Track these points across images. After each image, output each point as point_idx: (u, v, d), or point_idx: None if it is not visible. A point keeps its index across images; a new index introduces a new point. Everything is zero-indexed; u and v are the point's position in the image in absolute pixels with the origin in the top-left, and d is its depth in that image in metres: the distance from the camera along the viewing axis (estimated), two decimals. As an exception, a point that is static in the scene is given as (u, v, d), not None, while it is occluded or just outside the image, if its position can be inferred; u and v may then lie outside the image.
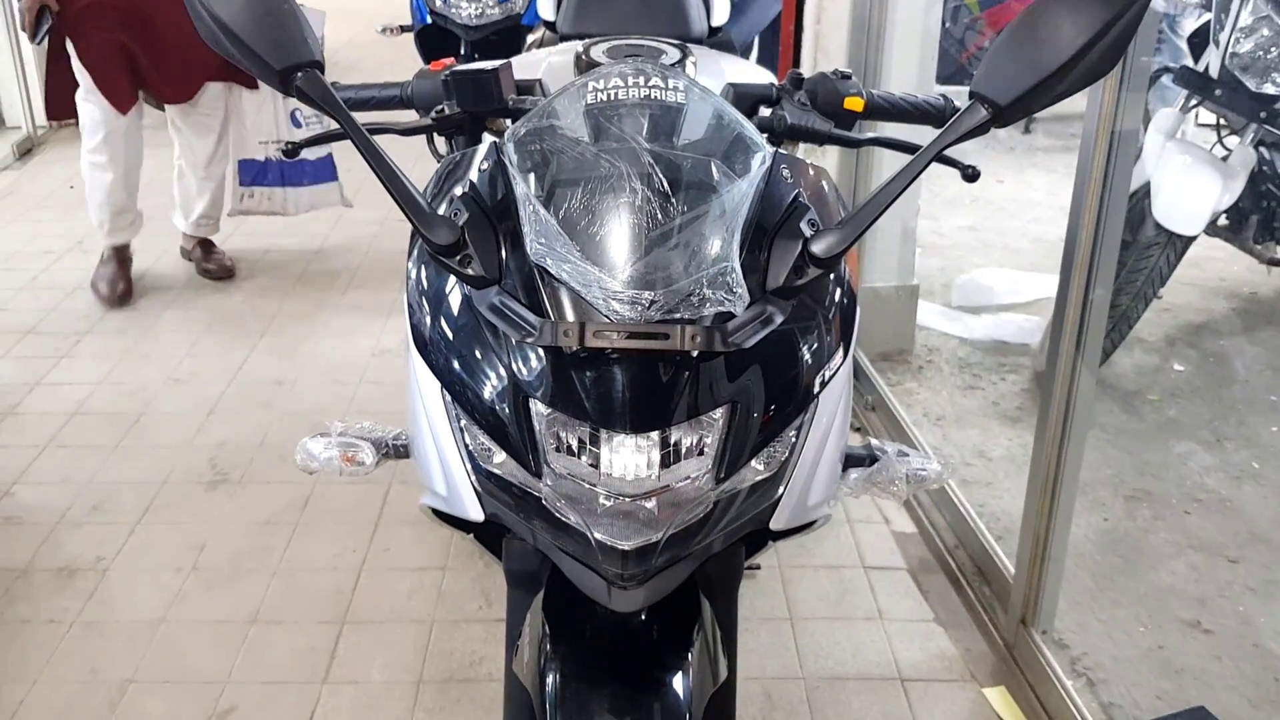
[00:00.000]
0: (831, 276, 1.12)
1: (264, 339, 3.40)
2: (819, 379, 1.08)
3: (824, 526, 1.23)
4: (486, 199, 1.08)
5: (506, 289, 1.02)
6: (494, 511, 1.11)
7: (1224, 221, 3.37)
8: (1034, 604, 2.06)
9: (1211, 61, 3.18)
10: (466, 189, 1.09)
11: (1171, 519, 2.59)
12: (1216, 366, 3.36)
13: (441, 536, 2.42)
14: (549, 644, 1.15)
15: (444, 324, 1.10)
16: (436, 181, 1.20)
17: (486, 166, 1.12)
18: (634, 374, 0.98)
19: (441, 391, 1.09)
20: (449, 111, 1.30)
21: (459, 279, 1.05)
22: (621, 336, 0.94)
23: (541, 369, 1.01)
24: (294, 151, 1.26)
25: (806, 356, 1.07)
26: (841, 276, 1.15)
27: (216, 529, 2.49)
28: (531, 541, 1.13)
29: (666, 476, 1.00)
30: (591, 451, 1.00)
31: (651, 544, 1.01)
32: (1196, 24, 3.58)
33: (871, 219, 0.98)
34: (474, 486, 1.10)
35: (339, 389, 3.11)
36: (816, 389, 1.08)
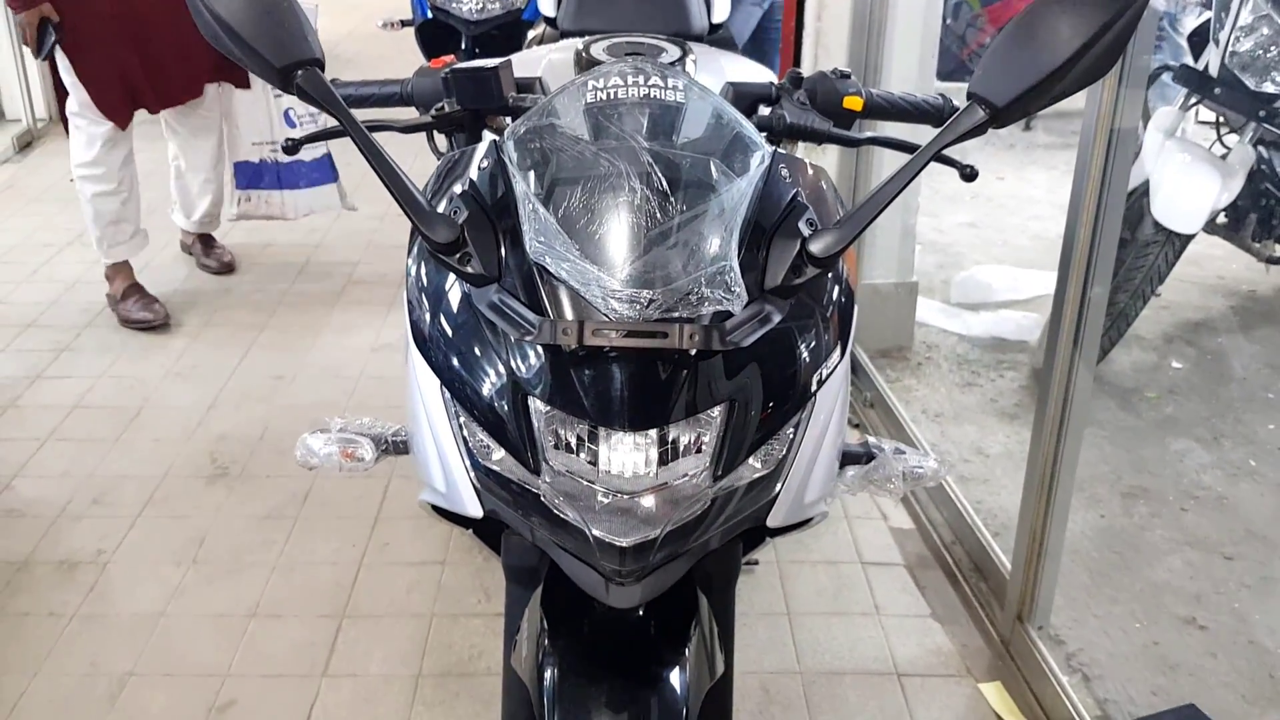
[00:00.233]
0: (829, 275, 1.13)
1: (264, 334, 3.40)
2: (816, 377, 1.09)
3: (821, 523, 1.24)
4: (486, 197, 1.08)
5: (506, 287, 1.03)
6: (493, 508, 1.12)
7: (1223, 220, 3.37)
8: (1030, 600, 2.07)
9: (1211, 60, 3.18)
10: (466, 187, 1.09)
11: (1168, 516, 2.60)
12: (1214, 364, 3.37)
13: (440, 531, 2.43)
14: (547, 639, 1.16)
15: (443, 321, 1.10)
16: (436, 179, 1.21)
17: (486, 165, 1.12)
18: (632, 372, 0.98)
19: (441, 388, 1.10)
20: (449, 109, 1.31)
21: (458, 277, 1.05)
22: (620, 335, 0.95)
23: (540, 367, 1.01)
24: (294, 148, 1.27)
25: (804, 355, 1.08)
26: (839, 275, 1.16)
27: (216, 523, 2.50)
28: (530, 538, 1.14)
29: (664, 474, 1.01)
30: (590, 449, 1.00)
31: (649, 540, 1.02)
32: (1197, 22, 3.58)
33: (869, 219, 0.99)
34: (473, 483, 1.10)
35: (339, 384, 3.11)
36: (814, 387, 1.09)
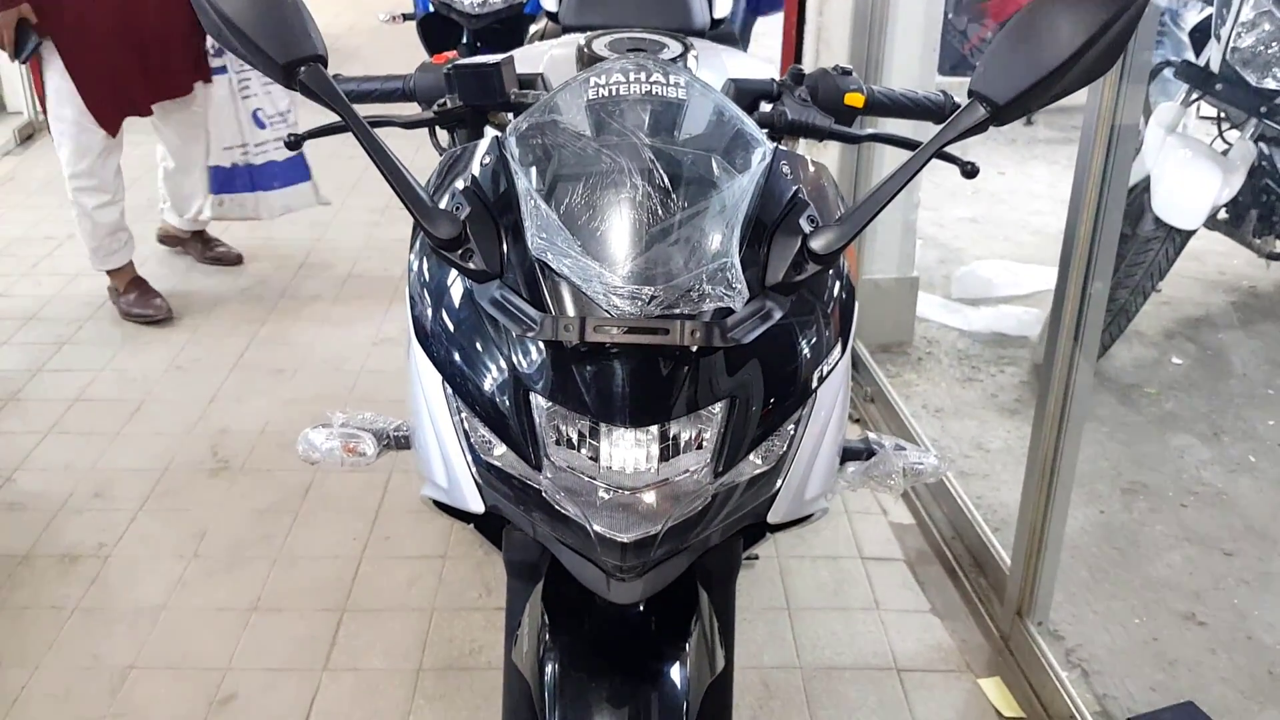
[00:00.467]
0: (830, 271, 1.13)
1: (265, 327, 3.40)
2: (817, 374, 1.09)
3: (822, 519, 1.24)
4: (488, 193, 1.08)
5: (507, 283, 1.03)
6: (494, 503, 1.12)
7: (1223, 215, 3.37)
8: (1030, 595, 2.08)
9: (1212, 56, 3.18)
10: (468, 183, 1.10)
11: (1168, 512, 2.60)
12: (1214, 360, 3.37)
13: (441, 526, 2.43)
14: (548, 634, 1.16)
15: (445, 317, 1.10)
16: (438, 175, 1.21)
17: (488, 161, 1.13)
18: (634, 368, 0.98)
19: (442, 384, 1.10)
20: (451, 105, 1.31)
21: (460, 273, 1.06)
22: (621, 331, 0.95)
23: (542, 363, 1.01)
24: (296, 144, 1.26)
25: (805, 351, 1.08)
26: (840, 271, 1.16)
27: (218, 516, 2.50)
28: (531, 533, 1.14)
29: (665, 470, 1.01)
30: (591, 445, 1.00)
31: (650, 536, 1.02)
32: (1198, 18, 3.58)
33: (870, 216, 0.99)
34: (474, 478, 1.10)
35: (340, 377, 3.12)
36: (815, 384, 1.09)
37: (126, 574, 2.32)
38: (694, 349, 0.98)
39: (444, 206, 1.03)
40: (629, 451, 1.00)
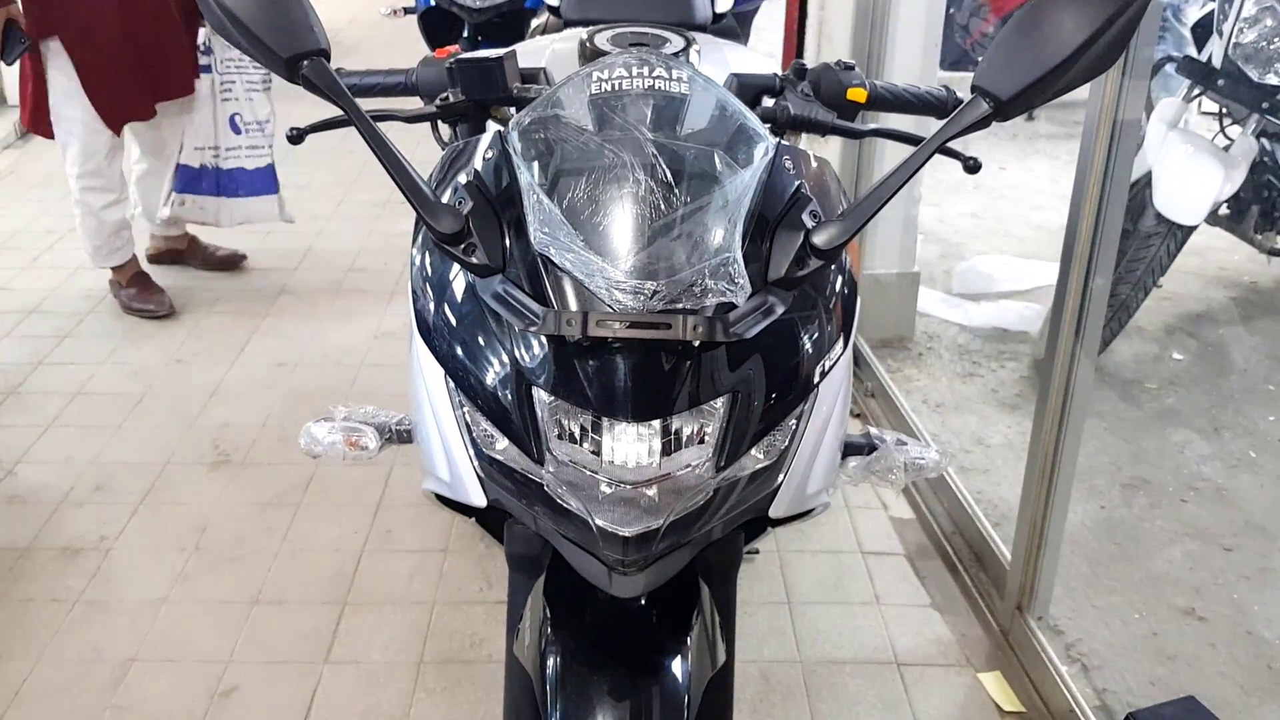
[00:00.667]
0: (832, 266, 1.13)
1: (266, 321, 3.41)
2: (819, 369, 1.09)
3: (823, 513, 1.24)
4: (491, 187, 1.08)
5: (510, 277, 1.03)
6: (496, 497, 1.12)
7: (1225, 211, 3.37)
8: (1030, 590, 2.08)
9: (1215, 51, 3.18)
10: (471, 177, 1.10)
11: (1168, 507, 2.61)
12: (1215, 356, 3.37)
13: (443, 519, 2.44)
14: (550, 627, 1.16)
15: (448, 311, 1.11)
16: (441, 169, 1.21)
17: (491, 155, 1.13)
18: (636, 363, 0.99)
19: (445, 378, 1.10)
20: (453, 99, 1.31)
21: (463, 267, 1.06)
22: (624, 326, 0.95)
23: (544, 357, 1.02)
24: (299, 138, 1.26)
25: (807, 346, 1.08)
26: (843, 266, 1.16)
27: (219, 510, 2.51)
28: (533, 527, 1.14)
29: (667, 464, 1.01)
30: (593, 439, 1.01)
31: (652, 530, 1.02)
32: (1200, 13, 3.57)
33: (873, 211, 0.99)
34: (477, 472, 1.11)
35: (341, 371, 3.12)
36: (817, 379, 1.09)
37: (128, 567, 2.32)
38: (696, 344, 0.98)
39: (447, 201, 1.03)
40: (631, 446, 1.00)
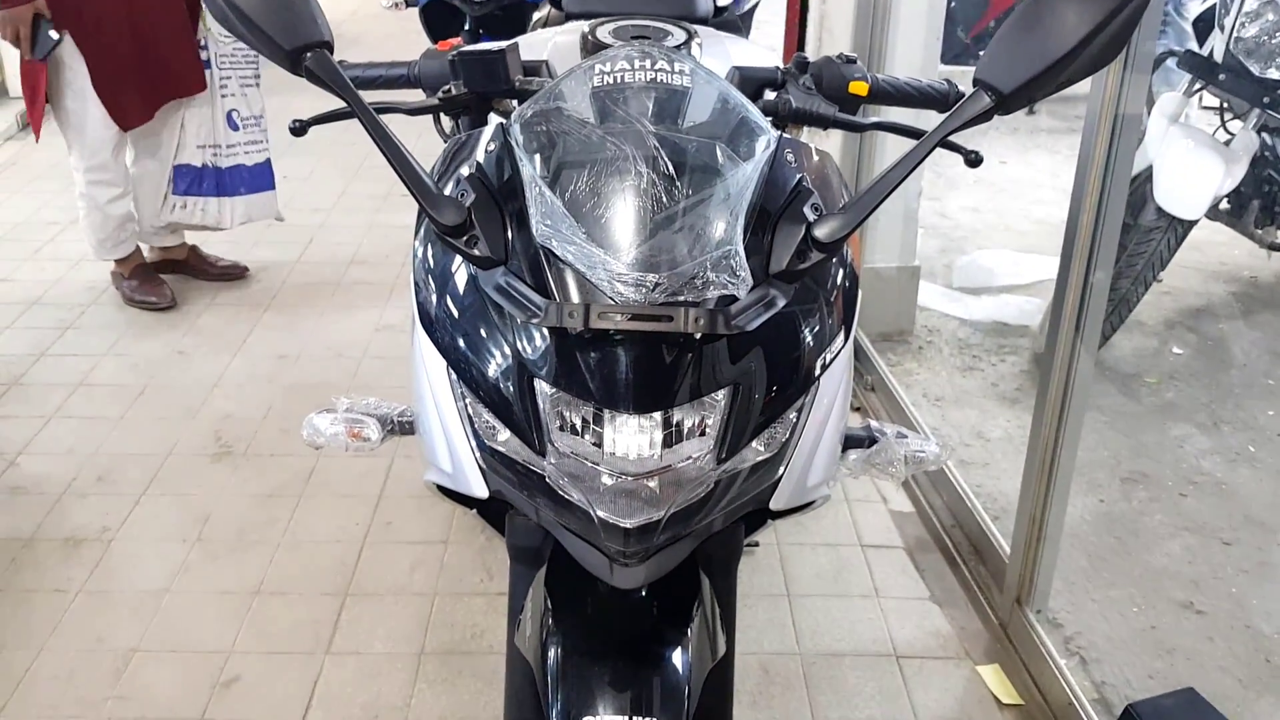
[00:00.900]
0: (834, 260, 1.13)
1: (267, 313, 3.41)
2: (820, 361, 1.10)
3: (823, 506, 1.25)
4: (493, 180, 1.09)
5: (512, 269, 1.03)
6: (498, 488, 1.13)
7: (1225, 206, 3.37)
8: (1029, 583, 2.08)
9: (1216, 46, 3.18)
10: (473, 170, 1.10)
11: (1167, 501, 2.61)
12: (1215, 350, 3.38)
13: (443, 511, 2.44)
14: (551, 618, 1.16)
15: (450, 303, 1.11)
16: (443, 162, 1.21)
17: (493, 148, 1.13)
18: (637, 355, 0.99)
19: (447, 370, 1.11)
20: (456, 92, 1.31)
21: (465, 259, 1.06)
22: (625, 318, 0.96)
23: (546, 349, 1.02)
24: (301, 130, 1.26)
25: (808, 339, 1.08)
26: (844, 259, 1.16)
27: (221, 501, 2.51)
28: (535, 518, 1.15)
29: (669, 456, 1.01)
30: (595, 431, 1.01)
31: (653, 522, 1.02)
32: (1202, 8, 3.57)
33: (875, 204, 0.99)
34: (478, 464, 1.11)
35: (342, 363, 3.12)
36: (818, 371, 1.10)
37: (130, 558, 2.33)
38: (697, 336, 0.98)
39: (449, 193, 1.03)
40: (632, 438, 1.00)
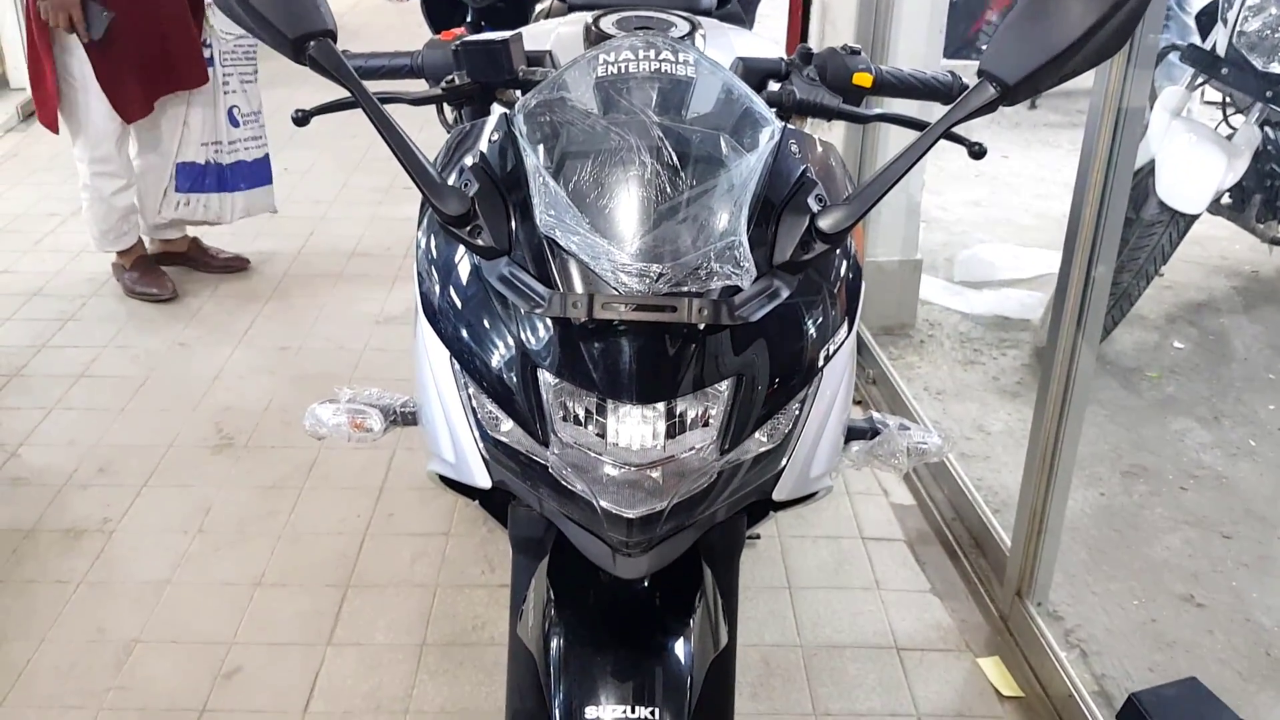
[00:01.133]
0: (838, 251, 1.13)
1: (268, 305, 3.41)
2: (823, 353, 1.10)
3: (824, 498, 1.25)
4: (496, 170, 1.08)
5: (516, 260, 1.03)
6: (501, 479, 1.13)
7: (1227, 200, 3.37)
8: (1029, 576, 2.09)
9: (1219, 40, 3.17)
10: (477, 160, 1.10)
11: (1167, 495, 2.61)
12: (1216, 344, 3.38)
13: (445, 503, 2.44)
14: (553, 609, 1.17)
15: (453, 293, 1.11)
16: (447, 152, 1.21)
17: (497, 138, 1.13)
18: (641, 345, 0.99)
19: (450, 360, 1.11)
20: (459, 82, 1.30)
21: (469, 249, 1.06)
22: (629, 308, 0.95)
23: (550, 339, 1.02)
24: (304, 120, 1.26)
25: (811, 330, 1.08)
26: (848, 251, 1.16)
27: (222, 492, 2.52)
28: (538, 508, 1.15)
29: (672, 447, 1.01)
30: (598, 421, 1.01)
31: (656, 513, 1.02)
32: (1204, 1, 3.57)
33: (879, 195, 0.99)
34: (481, 454, 1.11)
35: (344, 355, 3.12)
36: (821, 362, 1.10)
37: (131, 549, 2.33)
38: (701, 327, 0.98)
39: (452, 183, 1.03)
40: (636, 428, 1.00)
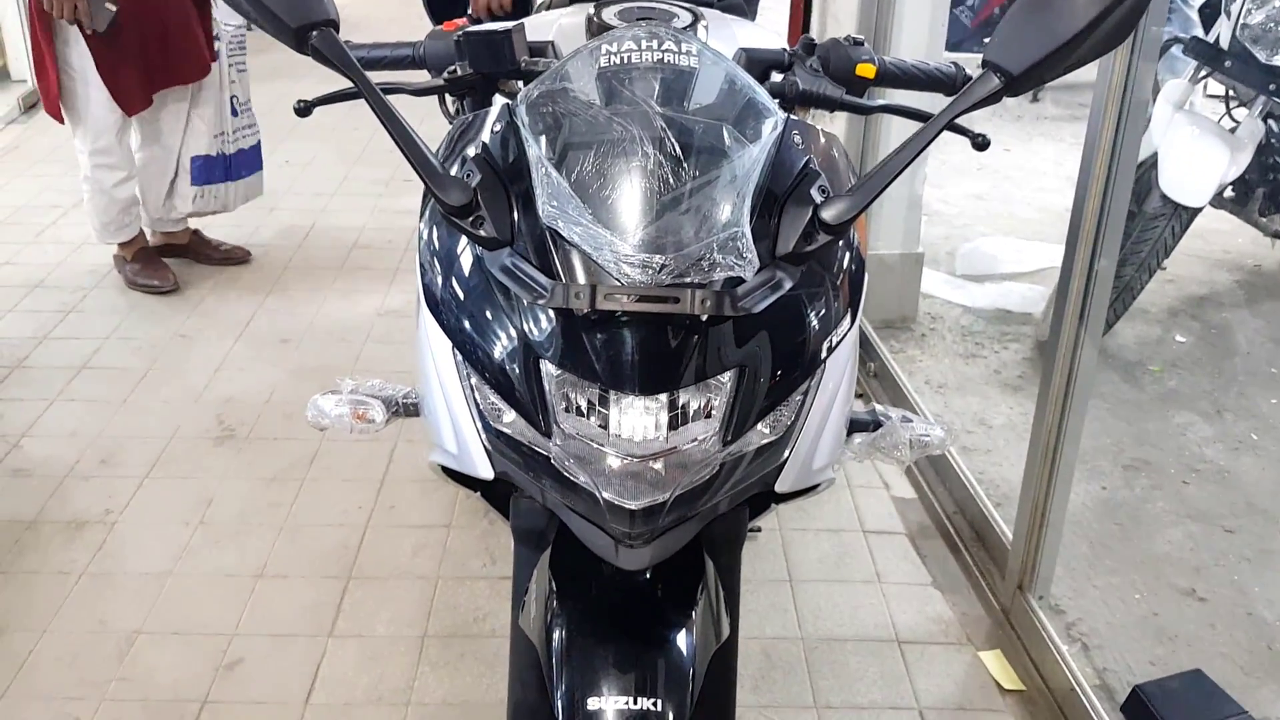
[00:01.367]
0: (841, 243, 1.13)
1: (270, 297, 3.41)
2: (826, 344, 1.09)
3: (826, 490, 1.25)
4: (499, 160, 1.08)
5: (518, 250, 1.03)
6: (503, 470, 1.12)
7: (1230, 194, 3.37)
8: (1031, 570, 2.09)
9: (1222, 32, 3.17)
10: (479, 150, 1.09)
11: (1169, 488, 2.61)
12: (1218, 338, 3.37)
13: (446, 495, 2.44)
14: (555, 600, 1.16)
15: (455, 284, 1.11)
16: (449, 143, 1.21)
17: (499, 128, 1.12)
18: (643, 337, 0.99)
19: (452, 351, 1.10)
20: (461, 73, 1.30)
21: (471, 240, 1.06)
22: (632, 299, 0.95)
23: (552, 330, 1.02)
24: (306, 110, 1.26)
25: (814, 322, 1.08)
26: (851, 243, 1.16)
27: (224, 484, 2.52)
28: (540, 500, 1.15)
29: (674, 438, 1.01)
30: (601, 412, 1.01)
31: (659, 504, 1.02)
32: (1209, -6, 3.56)
33: (882, 186, 0.99)
34: (484, 445, 1.11)
35: (345, 348, 3.12)
36: (824, 354, 1.09)
37: (133, 540, 2.33)
38: (704, 318, 0.98)
39: (455, 174, 1.03)
40: (638, 419, 1.00)
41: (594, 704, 1.08)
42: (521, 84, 1.30)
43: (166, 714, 1.91)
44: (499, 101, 1.27)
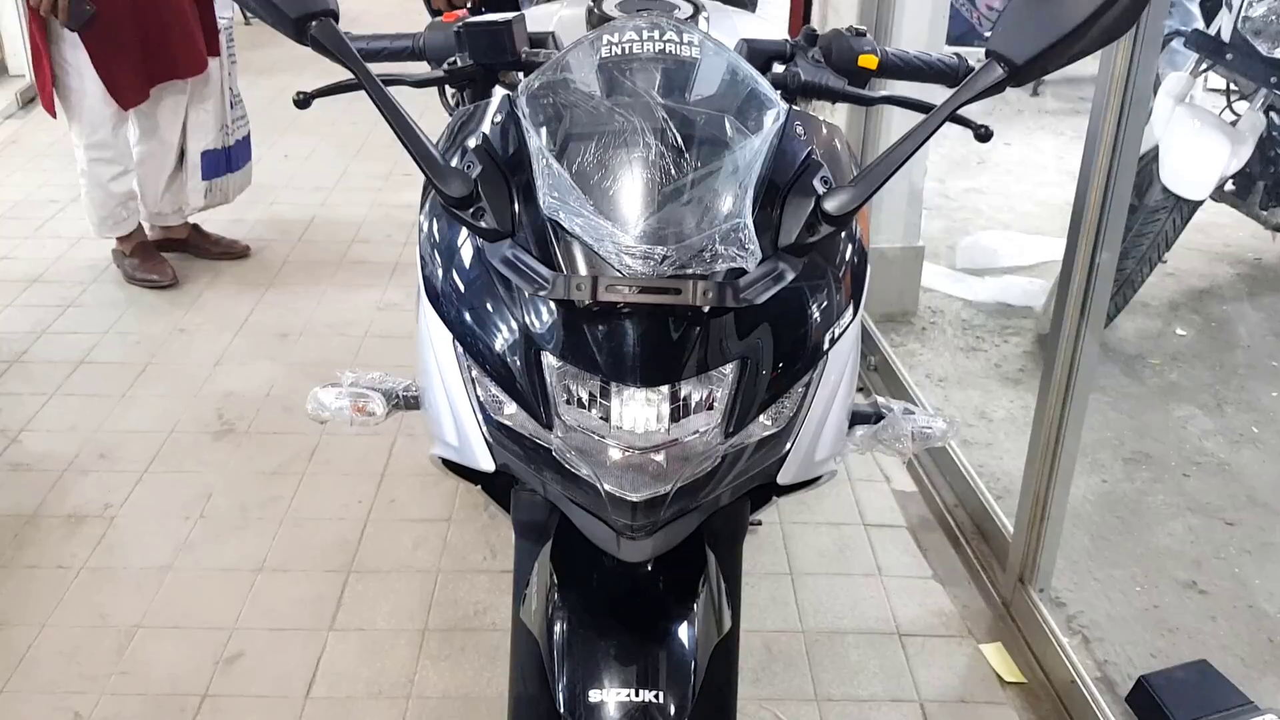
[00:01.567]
0: (843, 235, 1.13)
1: (269, 292, 3.40)
2: (828, 336, 1.09)
3: (827, 483, 1.25)
4: (500, 152, 1.08)
5: (519, 242, 1.02)
6: (504, 462, 1.12)
7: (1231, 187, 3.36)
8: (1032, 563, 2.09)
9: (1224, 25, 3.16)
10: (480, 142, 1.09)
11: (1170, 481, 2.61)
12: (1219, 332, 3.37)
13: (446, 488, 2.44)
14: (556, 593, 1.16)
15: (456, 276, 1.10)
16: (449, 134, 1.20)
17: (500, 119, 1.12)
18: (645, 328, 0.98)
19: (453, 343, 1.10)
20: (461, 64, 1.29)
21: (472, 231, 1.05)
22: (633, 291, 0.95)
23: (553, 322, 1.01)
24: (305, 102, 1.25)
25: (816, 314, 1.08)
26: (853, 234, 1.16)
27: (223, 478, 2.51)
28: (541, 492, 1.14)
29: (676, 430, 1.01)
30: (602, 404, 1.01)
31: (660, 496, 1.02)
32: (1209, -13, 3.55)
33: (884, 177, 0.98)
34: (485, 437, 1.11)
35: (344, 341, 3.12)
36: (826, 346, 1.09)
37: (132, 534, 2.33)
38: (705, 310, 0.97)
39: (455, 165, 1.03)
40: (640, 411, 1.00)
41: (595, 696, 1.08)
42: (522, 75, 1.29)
43: (166, 708, 1.91)
44: (499, 93, 1.27)
